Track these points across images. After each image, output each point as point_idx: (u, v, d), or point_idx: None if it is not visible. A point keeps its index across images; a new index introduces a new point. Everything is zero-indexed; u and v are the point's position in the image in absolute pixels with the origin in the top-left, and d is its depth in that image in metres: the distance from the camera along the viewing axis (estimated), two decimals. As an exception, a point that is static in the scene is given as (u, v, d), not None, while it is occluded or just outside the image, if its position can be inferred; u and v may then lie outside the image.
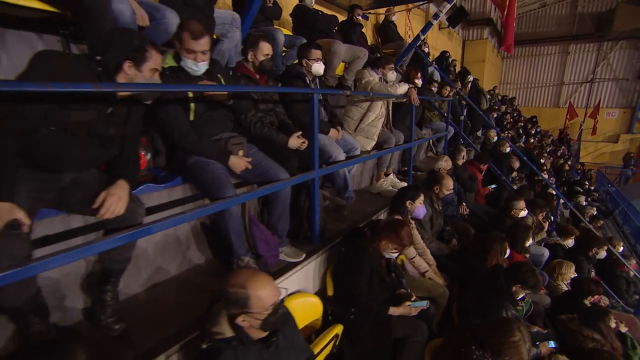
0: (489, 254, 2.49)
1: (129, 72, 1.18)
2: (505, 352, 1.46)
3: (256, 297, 1.00)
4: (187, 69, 1.54)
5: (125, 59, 1.16)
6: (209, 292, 1.64)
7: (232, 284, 1.01)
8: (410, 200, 2.35)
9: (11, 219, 0.94)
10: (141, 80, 1.21)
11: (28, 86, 0.95)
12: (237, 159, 1.63)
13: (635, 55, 12.76)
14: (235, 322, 1.03)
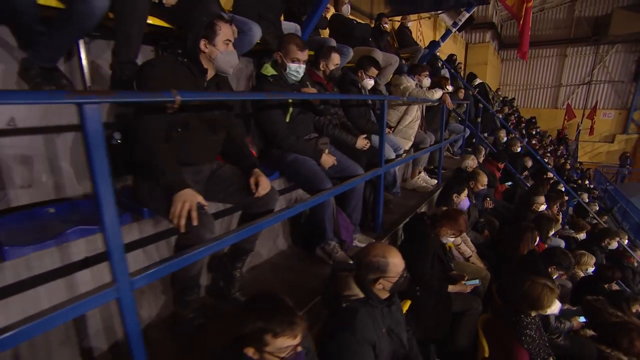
0: (521, 242, 2.80)
1: (206, 49, 1.30)
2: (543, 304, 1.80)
3: (393, 264, 1.28)
4: (290, 73, 1.80)
5: (200, 38, 1.28)
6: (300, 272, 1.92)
7: (373, 254, 1.29)
8: (456, 194, 2.65)
9: (197, 201, 1.20)
10: (217, 54, 1.32)
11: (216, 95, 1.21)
12: (327, 156, 1.91)
13: (630, 59, 13.28)
14: (370, 286, 1.31)
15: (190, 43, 1.28)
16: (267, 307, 0.91)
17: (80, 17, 1.34)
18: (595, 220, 5.78)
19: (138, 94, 1.01)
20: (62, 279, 1.12)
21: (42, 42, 1.38)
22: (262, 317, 0.89)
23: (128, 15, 1.46)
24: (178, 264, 0.97)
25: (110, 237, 0.82)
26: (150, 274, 0.90)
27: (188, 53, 1.30)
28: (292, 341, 0.90)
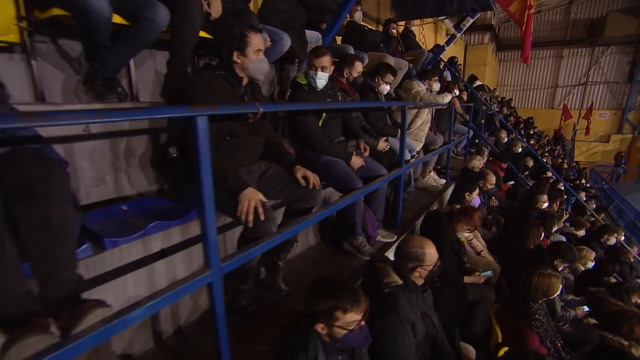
0: (528, 238, 2.99)
1: (238, 60, 1.41)
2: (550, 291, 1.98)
3: (429, 254, 1.45)
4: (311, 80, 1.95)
5: (233, 50, 1.40)
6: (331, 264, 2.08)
7: (412, 245, 1.46)
8: (468, 192, 2.84)
9: (259, 198, 1.35)
10: (249, 63, 1.43)
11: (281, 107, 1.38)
12: (356, 158, 2.08)
13: (624, 60, 13.60)
14: (409, 273, 1.47)
15: (225, 56, 1.41)
16: (337, 288, 1.08)
17: (145, 33, 1.50)
18: (593, 218, 6.01)
19: (234, 107, 1.16)
20: (143, 268, 1.28)
21: (109, 56, 1.53)
22: (334, 296, 1.05)
23: (184, 30, 1.62)
24: (254, 253, 1.13)
25: (208, 229, 0.97)
26: (235, 260, 1.06)
27: (224, 65, 1.44)
28: (358, 316, 1.06)
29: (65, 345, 0.65)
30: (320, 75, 1.89)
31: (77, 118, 0.74)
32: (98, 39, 1.45)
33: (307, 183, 1.52)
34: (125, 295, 1.24)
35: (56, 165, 0.79)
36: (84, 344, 0.68)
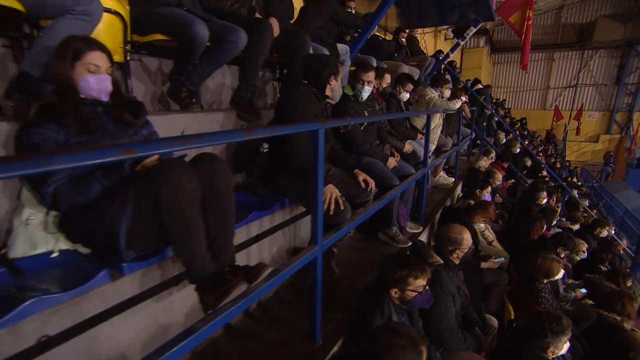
0: (532, 230, 3.37)
1: (332, 83, 1.82)
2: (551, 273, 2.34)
3: (466, 239, 1.79)
4: (358, 92, 2.29)
5: (332, 75, 1.80)
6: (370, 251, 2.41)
7: (452, 231, 1.81)
8: (479, 189, 3.20)
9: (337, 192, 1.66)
10: (336, 87, 1.86)
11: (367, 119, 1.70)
12: (391, 159, 2.41)
13: (612, 63, 14.26)
14: (448, 254, 1.82)
15: (324, 78, 1.76)
16: (409, 260, 1.41)
17: (227, 53, 1.81)
18: (586, 213, 6.47)
19: (339, 121, 1.47)
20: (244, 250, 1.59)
21: (194, 71, 1.84)
22: (407, 266, 1.38)
23: (258, 51, 1.93)
24: (342, 234, 1.46)
25: (318, 216, 1.29)
26: (331, 239, 1.39)
27: (317, 84, 1.77)
28: (424, 282, 1.40)
29: (257, 288, 0.97)
30: (367, 89, 2.22)
31: (224, 137, 1.02)
32: (191, 58, 1.76)
33: (366, 186, 1.86)
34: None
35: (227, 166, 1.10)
36: (265, 288, 1.00)
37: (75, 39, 1.08)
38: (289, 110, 1.67)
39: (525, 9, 4.90)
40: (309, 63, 1.80)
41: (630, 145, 13.70)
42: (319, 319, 1.43)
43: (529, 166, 6.23)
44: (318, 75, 1.75)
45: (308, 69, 1.80)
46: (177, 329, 1.27)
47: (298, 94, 1.70)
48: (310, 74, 1.78)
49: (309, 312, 1.42)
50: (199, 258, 0.97)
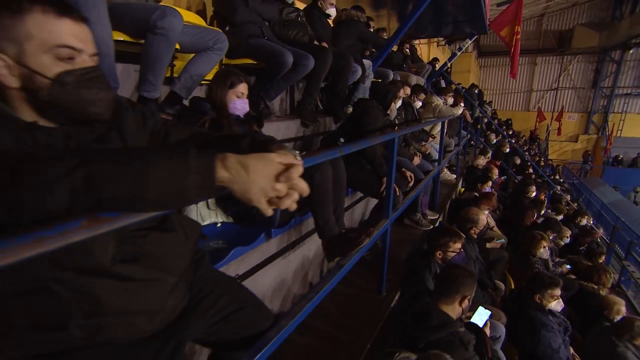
0: (526, 217, 4.02)
1: (393, 105, 2.45)
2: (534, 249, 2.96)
3: (481, 219, 2.38)
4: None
5: (394, 99, 2.44)
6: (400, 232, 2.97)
7: (471, 213, 2.39)
8: (481, 183, 3.82)
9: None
10: (394, 108, 2.50)
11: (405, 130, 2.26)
12: (416, 157, 2.99)
13: (589, 68, 15.44)
14: (468, 231, 2.39)
15: (389, 101, 2.33)
16: (448, 229, 1.97)
17: (299, 74, 2.34)
18: (568, 206, 7.26)
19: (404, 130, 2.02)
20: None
21: (273, 88, 2.35)
22: (448, 234, 1.94)
23: (322, 71, 2.46)
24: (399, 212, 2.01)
25: (391, 198, 1.83)
26: (395, 215, 1.94)
27: (383, 104, 2.35)
28: (460, 245, 1.96)
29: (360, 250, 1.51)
30: (399, 103, 2.81)
31: (328, 155, 1.57)
32: (274, 78, 2.27)
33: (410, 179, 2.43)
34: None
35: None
36: (365, 247, 1.54)
37: (231, 73, 1.58)
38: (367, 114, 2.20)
39: (515, 24, 5.60)
40: (377, 89, 2.38)
41: (606, 145, 14.86)
42: (385, 277, 1.98)
43: (518, 164, 6.97)
44: (384, 98, 2.33)
45: (376, 93, 2.38)
46: (295, 279, 1.79)
47: (374, 105, 2.26)
48: (378, 96, 2.36)
49: (378, 271, 1.97)
50: (329, 221, 1.50)
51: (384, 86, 2.46)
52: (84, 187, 0.45)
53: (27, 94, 0.61)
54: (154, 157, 0.49)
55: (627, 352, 2.52)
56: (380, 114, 2.28)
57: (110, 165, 0.46)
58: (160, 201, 0.49)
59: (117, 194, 0.46)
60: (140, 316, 0.75)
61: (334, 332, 1.67)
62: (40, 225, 0.42)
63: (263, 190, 0.56)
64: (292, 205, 0.60)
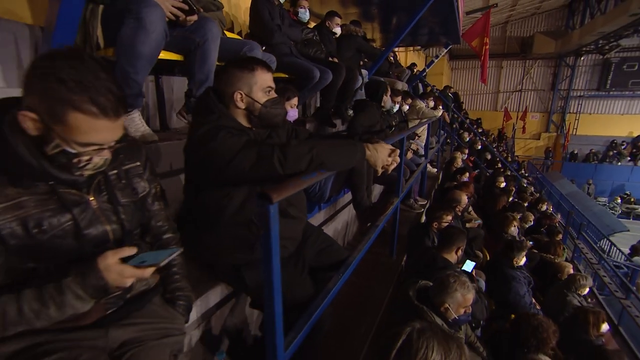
0: (498, 202, 4.84)
1: (384, 98, 3.11)
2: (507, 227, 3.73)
3: (463, 199, 3.08)
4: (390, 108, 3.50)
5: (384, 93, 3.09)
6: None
7: (455, 194, 3.07)
8: (460, 174, 4.57)
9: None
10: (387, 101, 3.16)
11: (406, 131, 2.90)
12: (409, 152, 3.65)
13: (548, 72, 17.11)
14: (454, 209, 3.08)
15: (380, 95, 2.94)
16: (443, 206, 2.63)
17: (321, 86, 2.93)
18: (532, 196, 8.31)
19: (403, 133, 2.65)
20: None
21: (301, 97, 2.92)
22: (442, 208, 2.60)
23: (337, 84, 3.05)
24: (407, 191, 2.65)
25: (400, 180, 2.46)
26: (404, 193, 2.57)
27: (376, 99, 2.96)
28: (451, 217, 2.63)
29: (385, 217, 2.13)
30: (397, 106, 3.46)
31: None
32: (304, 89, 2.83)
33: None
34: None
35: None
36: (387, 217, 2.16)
37: (288, 90, 2.14)
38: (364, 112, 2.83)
39: (484, 36, 6.48)
40: (369, 86, 2.98)
41: (564, 142, 16.56)
42: (395, 245, 2.61)
43: (489, 159, 7.92)
44: (376, 93, 2.94)
45: (369, 90, 2.98)
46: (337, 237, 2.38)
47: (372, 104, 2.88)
48: (371, 92, 2.96)
49: (390, 239, 2.59)
50: (365, 196, 2.10)
51: (374, 83, 3.06)
52: (316, 158, 1.02)
53: (247, 112, 1.17)
54: (343, 143, 1.08)
55: (573, 299, 3.32)
56: (375, 110, 2.92)
57: (325, 147, 1.04)
58: (346, 163, 1.08)
59: (328, 160, 1.04)
60: (290, 241, 1.32)
61: (364, 281, 2.27)
62: (300, 174, 0.99)
63: (382, 161, 1.16)
64: (391, 169, 1.20)
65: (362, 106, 2.83)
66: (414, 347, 0.95)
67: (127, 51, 1.32)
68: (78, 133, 0.66)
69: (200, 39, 1.59)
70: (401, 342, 0.97)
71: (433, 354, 0.93)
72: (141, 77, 1.39)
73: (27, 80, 0.64)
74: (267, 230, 0.81)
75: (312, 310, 1.13)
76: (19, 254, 0.71)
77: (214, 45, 1.64)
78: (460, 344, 1.01)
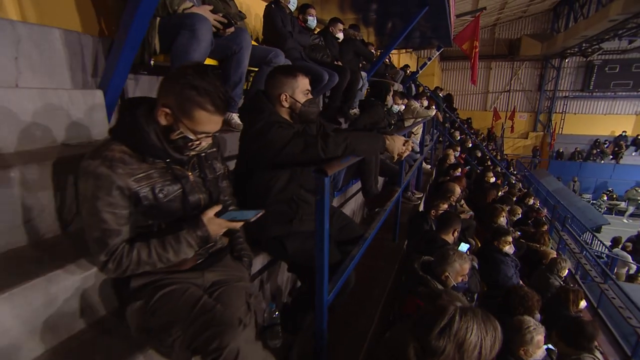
0: (488, 196, 5.21)
1: (387, 98, 3.43)
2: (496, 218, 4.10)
3: (457, 190, 3.42)
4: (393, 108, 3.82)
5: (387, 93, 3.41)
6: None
7: (450, 186, 3.40)
8: (453, 170, 4.93)
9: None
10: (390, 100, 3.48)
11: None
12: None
13: (535, 73, 17.78)
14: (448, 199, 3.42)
15: (384, 93, 3.25)
16: (439, 196, 2.95)
17: (328, 87, 3.22)
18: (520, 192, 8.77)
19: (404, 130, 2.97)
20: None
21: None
22: (439, 197, 2.92)
23: (342, 85, 3.35)
24: (408, 181, 2.97)
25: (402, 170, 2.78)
26: (405, 182, 2.89)
27: (380, 98, 3.27)
28: (447, 206, 2.95)
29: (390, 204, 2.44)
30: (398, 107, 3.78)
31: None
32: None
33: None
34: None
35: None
36: (392, 203, 2.47)
37: None
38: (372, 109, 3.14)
39: (474, 40, 6.88)
40: (375, 87, 3.29)
41: (551, 141, 17.23)
42: (397, 230, 2.92)
43: (479, 157, 8.34)
44: (381, 92, 3.26)
45: (374, 90, 3.29)
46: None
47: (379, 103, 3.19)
48: (377, 93, 3.28)
49: (393, 225, 2.90)
50: (373, 185, 2.40)
51: (379, 84, 3.39)
52: (349, 146, 1.32)
53: (290, 110, 1.46)
54: (369, 134, 1.38)
55: (555, 281, 3.69)
56: (380, 109, 3.24)
57: (356, 137, 1.34)
58: (372, 150, 1.39)
59: (358, 148, 1.34)
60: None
61: (372, 261, 2.57)
62: (337, 158, 1.29)
63: (398, 149, 1.46)
64: (405, 155, 1.51)
65: (369, 106, 3.14)
66: (455, 327, 1.02)
67: (181, 57, 1.59)
68: (198, 124, 0.94)
69: (236, 47, 1.87)
70: (446, 320, 1.04)
71: (471, 336, 1.01)
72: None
73: (165, 85, 0.92)
74: (321, 196, 1.10)
75: (342, 269, 1.42)
76: (144, 213, 0.98)
77: (247, 53, 1.92)
78: (497, 325, 1.08)
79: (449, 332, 1.02)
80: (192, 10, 1.68)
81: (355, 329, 1.78)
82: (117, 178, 0.89)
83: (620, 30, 11.55)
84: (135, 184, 0.92)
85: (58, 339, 1.02)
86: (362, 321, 1.85)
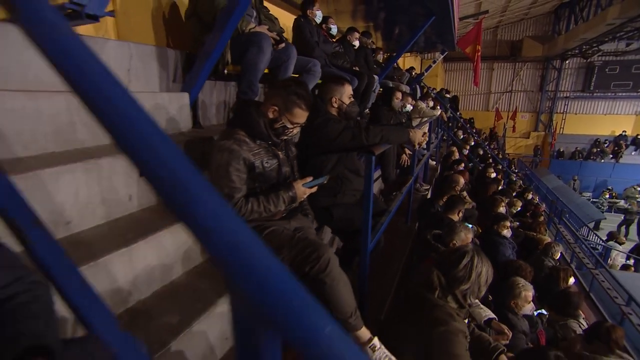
0: (489, 189, 5.68)
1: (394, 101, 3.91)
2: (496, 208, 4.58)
3: (461, 181, 3.88)
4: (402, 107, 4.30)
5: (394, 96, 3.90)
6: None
7: (454, 176, 3.87)
8: (457, 165, 5.40)
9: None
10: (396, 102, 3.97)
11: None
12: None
13: (536, 74, 18.25)
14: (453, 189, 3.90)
15: (389, 97, 3.73)
16: (445, 185, 3.43)
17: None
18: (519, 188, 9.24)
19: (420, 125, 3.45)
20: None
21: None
22: (445, 186, 3.40)
23: (361, 88, 3.83)
24: (419, 171, 3.44)
25: (414, 163, 3.25)
26: (417, 172, 3.37)
27: (386, 102, 3.75)
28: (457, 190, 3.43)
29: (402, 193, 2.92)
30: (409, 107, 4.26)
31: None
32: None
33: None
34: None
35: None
36: (405, 191, 2.95)
37: None
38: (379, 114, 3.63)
39: (476, 44, 7.35)
40: (382, 91, 3.77)
41: (552, 141, 17.68)
42: (410, 214, 3.39)
43: (481, 154, 8.81)
44: (387, 95, 3.74)
45: (381, 94, 3.77)
46: None
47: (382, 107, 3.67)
48: (384, 96, 3.76)
49: (405, 210, 3.38)
50: (391, 172, 2.88)
51: (387, 89, 3.88)
52: (385, 137, 1.81)
53: (338, 110, 1.95)
54: (398, 128, 1.88)
55: (549, 263, 4.17)
56: (385, 113, 3.73)
57: (388, 130, 1.83)
58: (400, 140, 1.89)
59: (391, 137, 1.83)
60: (359, 192, 2.10)
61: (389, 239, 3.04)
62: (376, 145, 1.78)
63: (418, 139, 1.95)
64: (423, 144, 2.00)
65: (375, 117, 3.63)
66: (474, 262, 1.47)
67: (252, 68, 2.07)
68: (295, 117, 1.43)
69: (285, 57, 2.36)
70: (468, 258, 1.49)
71: (483, 269, 1.49)
72: (257, 84, 2.16)
73: (274, 91, 1.42)
74: (369, 171, 1.58)
75: (377, 228, 1.90)
76: (253, 178, 1.47)
77: (292, 62, 2.41)
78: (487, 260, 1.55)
79: (471, 266, 1.48)
80: (255, 30, 2.16)
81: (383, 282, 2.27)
82: (242, 152, 1.38)
83: (618, 33, 12.01)
84: (252, 157, 1.41)
85: (193, 264, 1.51)
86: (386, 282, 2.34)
